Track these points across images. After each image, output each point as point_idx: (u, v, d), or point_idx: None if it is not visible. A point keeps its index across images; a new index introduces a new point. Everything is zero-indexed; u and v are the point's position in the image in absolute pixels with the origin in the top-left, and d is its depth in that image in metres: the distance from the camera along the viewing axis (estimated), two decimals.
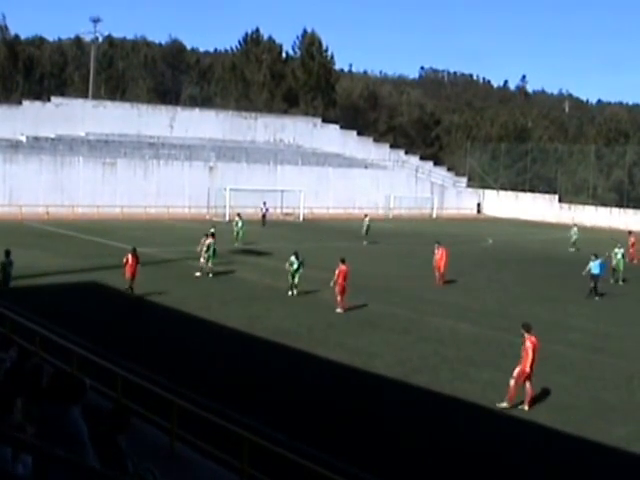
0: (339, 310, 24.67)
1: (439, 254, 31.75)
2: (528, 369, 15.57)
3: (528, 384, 15.67)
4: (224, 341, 21.08)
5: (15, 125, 57.90)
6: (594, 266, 30.36)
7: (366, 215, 49.65)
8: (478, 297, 29.73)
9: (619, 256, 34.38)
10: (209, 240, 30.39)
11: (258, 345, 20.51)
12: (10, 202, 52.43)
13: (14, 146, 55.96)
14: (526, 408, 15.57)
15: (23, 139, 57.40)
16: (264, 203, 55.90)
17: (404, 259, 40.27)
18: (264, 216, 54.43)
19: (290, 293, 27.14)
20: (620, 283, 34.14)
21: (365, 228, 47.64)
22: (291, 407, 15.58)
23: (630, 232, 44.80)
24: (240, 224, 41.30)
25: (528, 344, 15.60)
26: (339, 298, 24.89)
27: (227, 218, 53.01)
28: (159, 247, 38.23)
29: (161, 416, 12.03)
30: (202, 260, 30.47)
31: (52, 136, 59.03)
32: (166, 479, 7.93)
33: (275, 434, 13.05)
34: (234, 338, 21.26)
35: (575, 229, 49.03)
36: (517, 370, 15.64)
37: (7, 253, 24.81)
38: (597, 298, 30.12)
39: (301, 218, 60.44)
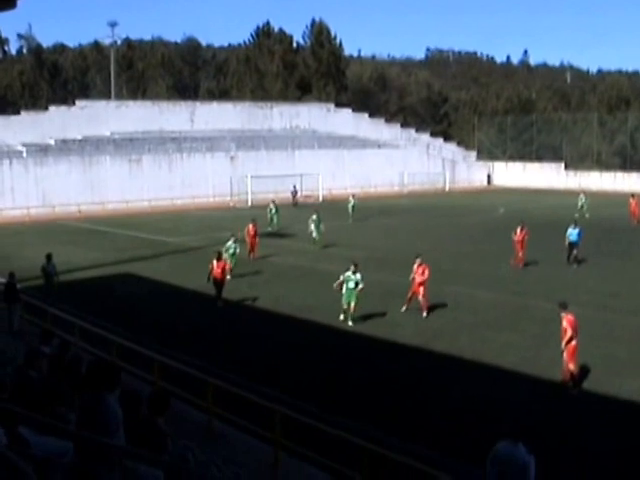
0: (424, 314, 21.77)
1: (521, 234, 30.11)
2: (572, 346, 15.27)
3: (571, 364, 15.34)
4: (253, 321, 21.60)
5: (43, 130, 58.84)
6: (571, 234, 30.18)
7: (353, 195, 48.50)
8: (492, 264, 30.32)
9: None
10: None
11: (284, 322, 21.20)
12: (44, 203, 54.00)
13: (43, 150, 57.08)
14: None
15: (52, 142, 58.48)
16: (294, 186, 58.46)
17: (421, 233, 40.75)
18: (294, 197, 57.27)
19: (342, 318, 21.00)
20: None
21: (351, 208, 46.48)
22: (318, 379, 16.23)
23: (633, 195, 45.08)
24: (274, 210, 41.88)
25: (564, 323, 15.33)
26: (423, 299, 21.94)
27: (249, 204, 55.16)
28: (187, 236, 39.02)
29: (198, 396, 12.55)
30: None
31: (79, 138, 60.25)
32: (204, 455, 8.34)
33: (305, 405, 13.39)
34: (262, 317, 21.96)
35: (582, 196, 49.49)
36: (564, 352, 15.35)
37: (48, 257, 23.15)
38: (575, 265, 29.78)
39: (320, 199, 61.71)
